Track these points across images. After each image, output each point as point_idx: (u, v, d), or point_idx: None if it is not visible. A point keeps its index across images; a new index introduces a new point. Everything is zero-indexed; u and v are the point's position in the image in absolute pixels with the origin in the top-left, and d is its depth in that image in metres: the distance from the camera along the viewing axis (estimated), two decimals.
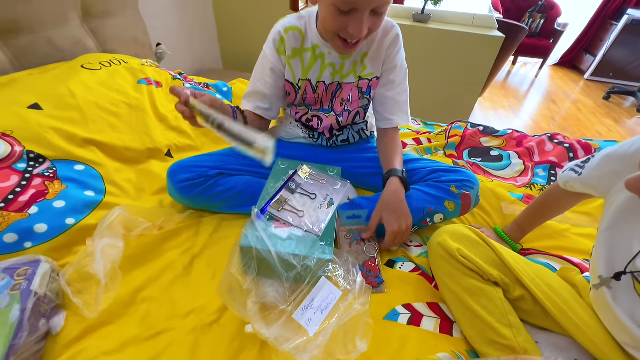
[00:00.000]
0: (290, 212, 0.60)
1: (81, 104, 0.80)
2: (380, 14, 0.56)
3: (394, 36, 0.70)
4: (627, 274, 0.43)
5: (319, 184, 0.69)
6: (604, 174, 0.49)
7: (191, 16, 1.80)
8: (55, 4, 0.98)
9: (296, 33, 0.69)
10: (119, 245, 0.59)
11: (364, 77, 0.74)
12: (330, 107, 0.79)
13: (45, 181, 0.65)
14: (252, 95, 0.76)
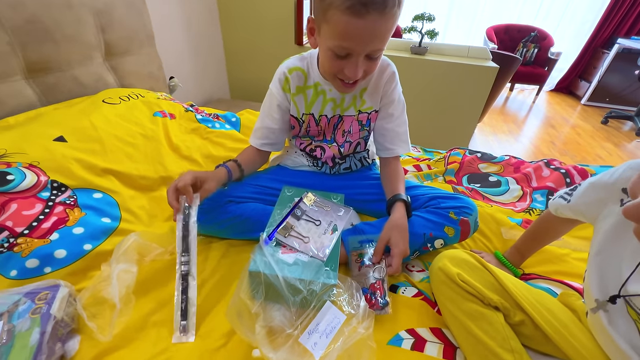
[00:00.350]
0: (296, 238, 0.63)
1: (102, 135, 0.86)
2: (374, 58, 0.62)
3: (390, 74, 0.77)
4: (621, 297, 0.45)
5: (323, 211, 0.72)
6: (590, 202, 0.52)
7: (203, 51, 1.93)
8: (82, 45, 1.08)
9: (299, 73, 0.76)
10: (132, 270, 0.62)
11: (364, 111, 0.80)
12: (333, 138, 0.84)
13: (66, 209, 0.69)
14: (260, 130, 0.83)
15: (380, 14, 0.54)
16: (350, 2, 0.52)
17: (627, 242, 0.45)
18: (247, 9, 1.89)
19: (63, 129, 0.84)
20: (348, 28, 0.55)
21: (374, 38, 0.57)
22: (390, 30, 0.58)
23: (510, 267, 0.74)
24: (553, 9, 3.54)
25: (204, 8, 1.84)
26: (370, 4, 0.52)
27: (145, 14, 1.32)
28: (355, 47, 0.58)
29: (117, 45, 1.22)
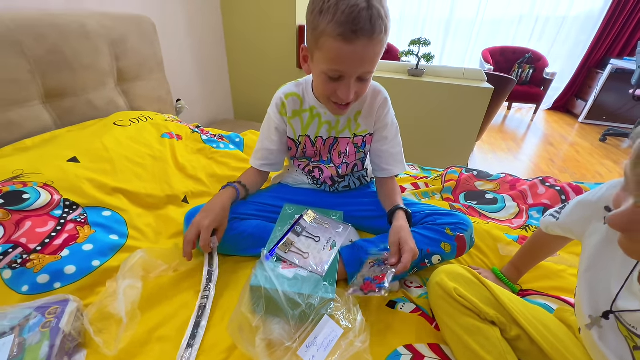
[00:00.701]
0: (296, 253, 0.65)
1: (113, 156, 0.91)
2: (365, 80, 0.68)
3: (382, 100, 0.82)
4: (613, 313, 0.46)
5: (323, 228, 0.75)
6: (577, 219, 0.54)
7: (209, 75, 2.02)
8: (97, 73, 1.15)
9: (295, 98, 0.82)
10: (138, 286, 0.64)
11: (359, 134, 0.85)
12: (329, 158, 0.88)
13: (77, 226, 0.72)
14: (260, 152, 0.88)
15: (368, 40, 0.59)
16: (342, 29, 0.57)
17: (614, 258, 0.46)
18: (252, 35, 2.00)
19: (76, 150, 0.88)
20: (340, 53, 0.60)
21: (363, 61, 0.63)
22: (378, 54, 0.63)
23: (508, 283, 0.75)
24: (546, 31, 3.68)
25: (211, 35, 1.95)
26: (359, 31, 0.57)
27: (156, 42, 1.41)
28: (347, 69, 0.63)
29: (129, 71, 1.30)
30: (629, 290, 0.43)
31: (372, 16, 0.57)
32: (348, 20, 0.56)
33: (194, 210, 0.79)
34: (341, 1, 0.57)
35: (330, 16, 0.58)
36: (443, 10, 3.81)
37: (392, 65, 2.12)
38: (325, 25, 0.59)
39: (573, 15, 3.56)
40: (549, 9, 3.58)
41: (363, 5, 0.57)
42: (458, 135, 1.95)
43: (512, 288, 0.74)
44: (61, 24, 1.02)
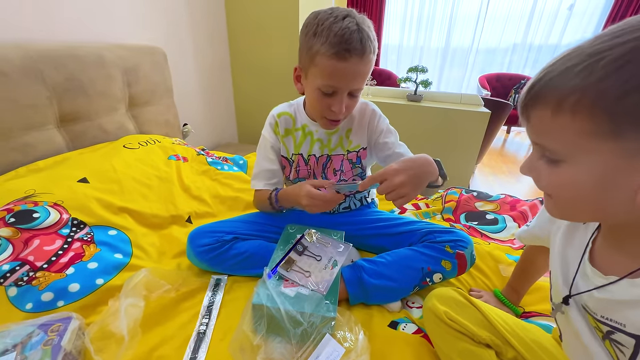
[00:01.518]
0: (297, 272, 0.66)
1: (121, 177, 0.94)
2: (355, 95, 0.73)
3: (370, 111, 0.86)
4: (572, 296, 0.44)
5: (324, 247, 0.76)
6: (542, 221, 0.57)
7: (214, 100, 2.10)
8: (109, 99, 1.21)
9: (287, 117, 0.87)
10: (140, 305, 0.65)
11: (352, 150, 0.87)
12: (324, 177, 0.90)
13: (83, 245, 0.74)
14: (260, 174, 0.89)
15: (359, 58, 0.65)
16: (336, 49, 0.64)
17: (572, 245, 0.47)
18: (257, 62, 2.10)
19: (87, 171, 0.92)
20: (334, 70, 0.66)
21: (355, 77, 0.69)
22: (368, 72, 0.70)
23: (510, 305, 0.74)
24: (540, 59, 3.82)
25: (218, 62, 2.05)
26: (352, 50, 0.64)
27: (167, 70, 1.49)
28: (340, 85, 0.69)
29: (140, 97, 1.36)
30: (583, 272, 0.43)
31: (362, 38, 0.64)
32: (341, 41, 0.63)
33: (197, 230, 0.81)
34: (334, 24, 0.64)
35: (324, 38, 0.64)
36: (439, 40, 3.99)
37: (391, 91, 2.20)
38: (320, 46, 0.65)
39: (565, 44, 3.71)
40: (541, 38, 3.74)
41: (353, 28, 0.64)
42: (458, 158, 1.99)
43: (515, 310, 0.74)
44: (81, 54, 1.09)
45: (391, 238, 0.84)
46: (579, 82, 0.30)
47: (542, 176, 0.38)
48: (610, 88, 0.28)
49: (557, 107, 0.32)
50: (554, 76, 0.32)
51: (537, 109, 0.34)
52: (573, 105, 0.31)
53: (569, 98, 0.31)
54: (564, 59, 0.32)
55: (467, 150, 1.96)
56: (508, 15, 3.73)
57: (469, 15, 3.80)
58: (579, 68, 0.30)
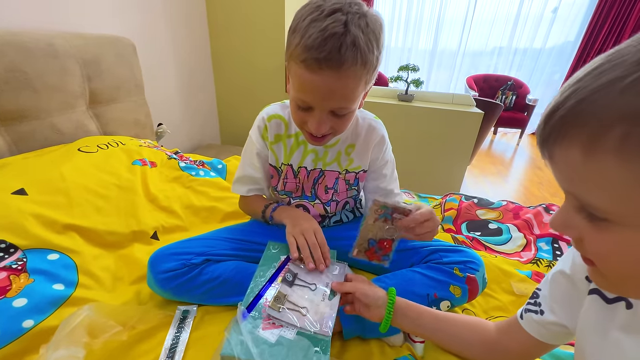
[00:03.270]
0: (292, 310, 0.53)
1: (69, 187, 0.79)
2: (341, 115, 0.58)
3: (379, 138, 0.73)
4: None
5: (317, 271, 0.64)
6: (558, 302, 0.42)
7: (194, 97, 1.94)
8: (64, 94, 1.05)
9: (279, 121, 0.73)
10: (78, 356, 0.50)
11: (351, 170, 0.75)
12: (314, 194, 0.77)
13: (10, 275, 0.59)
14: (243, 179, 0.78)
15: (335, 72, 0.50)
16: (304, 56, 0.49)
17: (614, 341, 0.34)
18: (241, 56, 1.96)
19: (26, 180, 0.76)
20: (304, 81, 0.52)
21: (331, 95, 0.53)
22: (353, 90, 0.54)
23: (387, 317, 0.61)
24: (525, 62, 3.86)
25: (196, 55, 1.89)
26: (323, 61, 0.48)
27: (135, 63, 1.33)
28: (313, 101, 0.55)
29: (103, 93, 1.20)
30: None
31: (343, 44, 0.47)
32: (312, 46, 0.48)
33: (160, 252, 0.67)
34: (314, 21, 0.49)
35: (299, 38, 0.50)
36: (427, 42, 3.96)
37: (381, 91, 2.10)
38: (294, 48, 0.51)
39: (548, 47, 3.75)
40: (526, 42, 3.78)
41: (336, 29, 0.47)
42: (450, 159, 1.91)
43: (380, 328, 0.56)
44: (24, 41, 0.93)
45: None
46: (627, 104, 0.20)
47: (584, 237, 0.27)
48: None
49: (592, 144, 0.22)
50: (585, 96, 0.22)
51: (563, 147, 0.24)
52: (619, 141, 0.21)
53: (610, 131, 0.21)
54: (596, 71, 0.22)
55: (460, 152, 1.89)
56: (494, 18, 3.74)
57: (456, 19, 3.79)
58: (625, 83, 0.20)
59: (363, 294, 0.54)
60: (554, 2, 3.59)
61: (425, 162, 1.95)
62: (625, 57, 0.21)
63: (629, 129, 0.20)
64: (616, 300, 0.35)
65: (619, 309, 0.34)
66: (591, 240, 0.27)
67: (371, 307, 0.54)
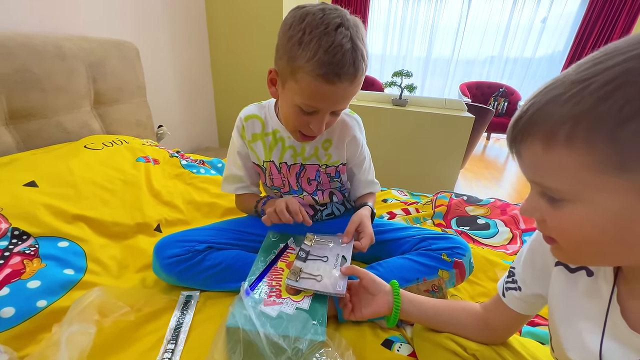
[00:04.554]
0: (308, 279, 0.58)
1: (77, 180, 0.82)
2: (337, 114, 0.66)
3: (351, 137, 0.78)
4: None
5: (327, 247, 0.68)
6: (531, 278, 0.46)
7: (193, 100, 1.99)
8: (71, 95, 1.09)
9: (256, 120, 0.77)
10: (90, 332, 0.54)
11: (330, 165, 0.80)
12: (299, 187, 0.81)
13: (24, 259, 0.62)
14: (229, 178, 0.83)
15: (351, 82, 0.57)
16: (324, 70, 0.54)
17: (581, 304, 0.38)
18: (238, 61, 2.01)
19: (36, 174, 0.79)
20: (318, 91, 0.57)
21: (342, 100, 0.61)
22: (356, 93, 0.62)
23: (396, 307, 0.65)
24: (516, 70, 3.97)
25: (197, 60, 1.95)
26: (343, 75, 0.55)
27: (138, 66, 1.38)
28: (323, 107, 0.61)
29: (107, 94, 1.24)
30: (616, 336, 0.34)
31: (356, 59, 0.55)
32: (332, 61, 0.53)
33: (165, 239, 0.71)
34: (324, 36, 0.53)
35: (312, 53, 0.54)
36: (421, 50, 4.07)
37: (376, 95, 2.17)
38: (305, 62, 0.55)
39: (538, 57, 3.87)
40: (516, 51, 3.90)
41: (348, 46, 0.53)
42: (443, 162, 1.97)
43: (389, 321, 0.58)
44: (35, 44, 0.97)
45: (382, 246, 0.78)
46: (568, 112, 0.27)
47: (546, 218, 0.32)
48: (605, 115, 0.25)
49: (548, 140, 0.29)
50: (539, 107, 0.29)
51: (527, 144, 0.31)
52: (566, 136, 0.27)
53: (560, 129, 0.28)
54: (547, 89, 0.29)
55: (452, 155, 1.95)
56: (486, 28, 3.87)
57: (449, 27, 3.91)
58: (565, 97, 0.27)
59: (371, 279, 0.57)
60: (543, 13, 3.72)
61: (419, 164, 2.01)
62: (566, 78, 0.28)
63: (572, 127, 0.27)
64: (578, 270, 0.39)
65: (581, 277, 0.39)
66: (552, 219, 0.32)
67: (378, 295, 0.56)
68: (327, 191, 0.84)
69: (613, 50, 0.26)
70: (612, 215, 0.28)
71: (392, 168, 2.02)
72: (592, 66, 0.26)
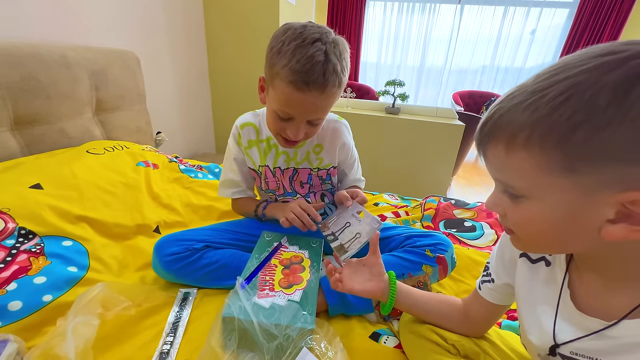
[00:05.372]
0: (352, 243, 0.64)
1: (81, 183, 0.86)
2: (316, 124, 0.69)
3: (341, 143, 0.83)
4: (561, 345, 0.40)
5: (340, 217, 0.73)
6: (502, 269, 0.51)
7: (191, 107, 2.04)
8: (74, 102, 1.13)
9: (251, 128, 0.82)
10: (93, 324, 0.57)
11: (322, 168, 0.84)
12: (293, 190, 0.86)
13: (30, 257, 0.65)
14: (226, 183, 0.88)
15: (320, 92, 0.60)
16: (294, 77, 0.58)
17: (539, 289, 0.43)
18: (235, 70, 2.07)
19: (41, 176, 0.83)
20: (290, 98, 0.61)
21: (313, 110, 0.65)
22: (330, 104, 0.66)
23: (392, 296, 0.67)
24: (507, 79, 4.08)
25: (195, 70, 2.00)
26: (311, 83, 0.59)
27: (139, 74, 1.43)
28: (296, 114, 0.65)
29: (108, 101, 1.29)
30: (566, 317, 0.39)
31: (327, 70, 0.58)
32: (302, 70, 0.57)
33: (165, 238, 0.74)
34: (299, 48, 0.58)
35: (286, 60, 0.58)
36: (415, 60, 4.18)
37: (370, 104, 2.24)
38: (280, 68, 0.59)
39: (528, 67, 3.99)
40: (507, 61, 4.02)
41: (320, 58, 0.57)
42: (435, 169, 2.03)
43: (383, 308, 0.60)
44: (41, 53, 1.02)
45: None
46: (527, 119, 0.30)
47: (507, 212, 0.37)
48: (556, 123, 0.28)
49: (510, 143, 0.32)
50: (503, 113, 0.32)
51: (491, 146, 0.34)
52: (525, 140, 0.30)
53: (519, 134, 0.31)
54: (510, 96, 0.32)
55: (443, 162, 2.00)
56: (477, 39, 3.98)
57: (441, 38, 4.02)
58: (525, 105, 0.30)
59: (379, 262, 0.59)
60: (532, 25, 3.85)
61: (412, 170, 2.07)
62: (526, 87, 0.31)
63: (529, 133, 0.30)
64: (538, 260, 0.44)
65: (541, 267, 0.44)
66: (512, 214, 0.36)
67: (375, 278, 0.58)
68: (319, 193, 0.88)
69: (566, 64, 0.29)
70: (560, 211, 0.32)
71: (386, 174, 2.07)
72: (549, 77, 0.30)
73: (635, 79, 0.25)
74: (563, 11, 3.67)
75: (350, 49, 0.65)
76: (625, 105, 0.25)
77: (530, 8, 3.71)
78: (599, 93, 0.26)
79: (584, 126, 0.27)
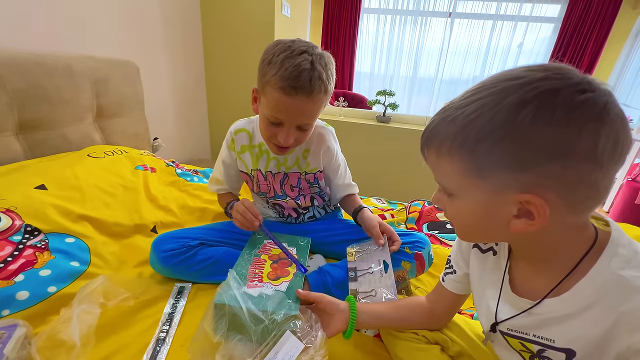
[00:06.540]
0: (366, 297, 0.66)
1: (82, 185, 0.91)
2: (304, 130, 0.74)
3: (325, 147, 0.87)
4: (497, 323, 0.46)
5: (367, 256, 0.76)
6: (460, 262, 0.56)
7: (188, 114, 2.10)
8: (76, 108, 1.19)
9: (244, 134, 0.88)
10: (95, 312, 0.62)
11: (309, 172, 0.90)
12: (283, 193, 0.92)
13: (36, 252, 0.70)
14: (213, 180, 0.95)
15: (307, 97, 0.66)
16: (283, 84, 0.64)
17: (487, 277, 0.49)
18: (231, 79, 2.15)
19: (45, 178, 0.88)
20: (279, 103, 0.67)
21: (301, 114, 0.70)
22: (317, 110, 0.71)
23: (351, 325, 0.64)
24: None
25: (192, 79, 2.07)
26: (299, 88, 0.64)
27: (139, 83, 1.49)
28: (285, 119, 0.70)
29: (109, 108, 1.35)
30: (506, 299, 0.45)
31: (313, 77, 0.64)
32: (290, 77, 0.63)
33: (163, 236, 0.80)
34: (288, 58, 0.64)
35: (276, 69, 0.64)
36: (407, 70, 4.30)
37: (362, 113, 2.32)
38: (271, 77, 0.65)
39: None
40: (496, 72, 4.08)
41: (306, 66, 0.64)
42: (424, 176, 2.10)
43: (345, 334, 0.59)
44: (47, 62, 1.08)
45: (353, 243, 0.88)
46: (450, 131, 0.35)
47: (445, 207, 0.43)
48: (468, 136, 0.34)
49: (438, 151, 0.37)
50: (435, 125, 0.38)
51: (428, 153, 0.40)
52: (448, 149, 0.36)
53: (445, 143, 0.36)
54: (442, 110, 0.37)
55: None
56: (467, 50, 4.12)
57: (433, 49, 4.15)
58: (450, 119, 0.35)
59: (329, 301, 0.60)
60: (519, 38, 4.00)
61: (400, 176, 2.14)
62: (454, 103, 0.36)
63: (451, 143, 0.35)
64: (487, 251, 0.50)
65: (489, 256, 0.50)
66: (448, 209, 0.43)
67: (335, 314, 0.58)
68: (308, 196, 0.94)
69: (484, 84, 0.34)
70: (479, 207, 0.38)
71: (376, 180, 2.14)
72: (469, 96, 0.35)
73: (525, 103, 0.31)
74: (548, 26, 3.83)
75: (344, 59, 0.72)
76: (515, 124, 0.31)
77: (517, 22, 3.86)
78: (498, 113, 0.32)
79: (487, 139, 0.32)
